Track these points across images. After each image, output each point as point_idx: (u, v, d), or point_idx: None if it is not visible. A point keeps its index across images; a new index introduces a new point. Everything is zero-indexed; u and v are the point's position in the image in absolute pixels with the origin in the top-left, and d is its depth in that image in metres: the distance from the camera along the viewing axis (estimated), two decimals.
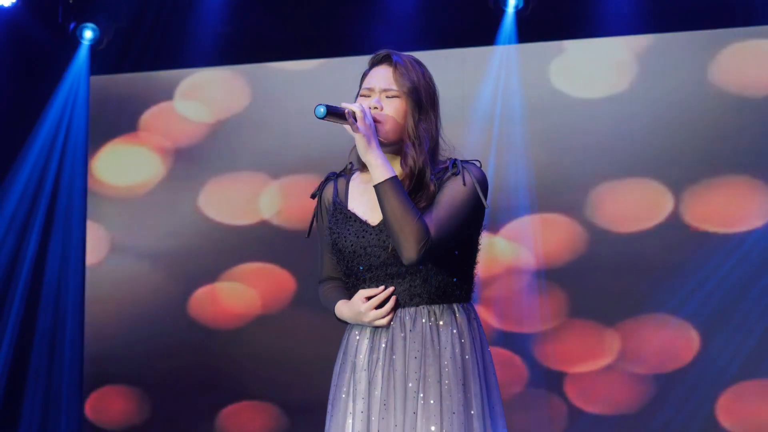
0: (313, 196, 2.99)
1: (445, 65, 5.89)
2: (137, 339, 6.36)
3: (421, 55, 6.04)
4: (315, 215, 2.99)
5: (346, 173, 2.97)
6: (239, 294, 6.29)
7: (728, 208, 5.70)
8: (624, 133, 5.82)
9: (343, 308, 2.88)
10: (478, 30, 6.03)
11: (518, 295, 5.88)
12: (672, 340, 5.70)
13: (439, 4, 6.06)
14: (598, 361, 5.79)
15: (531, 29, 5.97)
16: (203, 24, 6.34)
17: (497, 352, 5.79)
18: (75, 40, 6.39)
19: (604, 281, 5.78)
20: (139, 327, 6.36)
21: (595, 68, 5.92)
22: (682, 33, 5.82)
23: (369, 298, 2.82)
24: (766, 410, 5.61)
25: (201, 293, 6.33)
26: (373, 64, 2.90)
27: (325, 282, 3.00)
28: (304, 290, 6.15)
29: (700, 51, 5.79)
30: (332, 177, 2.98)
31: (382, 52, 2.90)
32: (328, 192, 2.95)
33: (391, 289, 2.81)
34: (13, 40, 6.42)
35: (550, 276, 5.84)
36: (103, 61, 6.52)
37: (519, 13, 5.94)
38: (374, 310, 2.81)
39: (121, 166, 6.52)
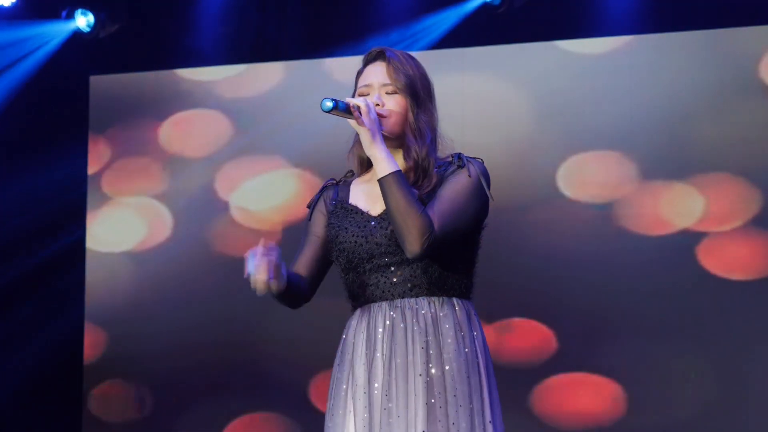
0: (309, 206, 2.99)
1: (444, 65, 5.89)
2: (140, 331, 6.38)
3: (421, 55, 6.04)
4: (312, 207, 2.98)
5: (346, 179, 2.99)
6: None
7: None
8: (626, 133, 5.82)
9: None
10: (477, 29, 6.04)
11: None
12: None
13: (440, 3, 6.07)
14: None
15: (530, 29, 5.97)
16: (203, 23, 6.35)
17: None
18: (71, 33, 6.36)
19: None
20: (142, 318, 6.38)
21: (595, 68, 5.92)
22: (688, 32, 5.82)
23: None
24: None
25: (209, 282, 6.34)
26: (367, 62, 2.92)
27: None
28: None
29: (700, 50, 5.80)
30: (331, 183, 3.00)
31: (376, 49, 2.92)
32: (328, 195, 2.96)
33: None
34: (13, 40, 6.42)
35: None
36: (101, 60, 6.53)
37: (491, 8, 5.89)
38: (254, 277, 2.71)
39: (120, 163, 6.53)
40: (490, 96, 5.97)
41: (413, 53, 2.96)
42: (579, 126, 5.87)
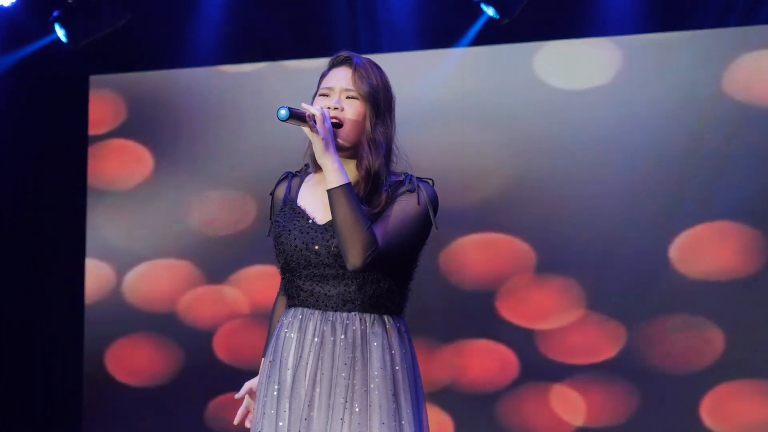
0: (271, 194, 3.02)
1: (443, 65, 5.89)
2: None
3: (420, 55, 6.01)
4: (272, 202, 3.02)
5: (301, 173, 3.00)
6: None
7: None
8: (620, 131, 5.82)
9: (262, 366, 2.95)
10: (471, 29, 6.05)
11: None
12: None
13: (438, 3, 6.07)
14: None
15: (526, 29, 5.98)
16: (203, 23, 6.35)
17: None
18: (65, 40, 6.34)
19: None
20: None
21: (588, 68, 5.92)
22: (676, 33, 5.83)
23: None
24: None
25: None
26: (332, 65, 2.94)
27: (279, 297, 3.03)
28: None
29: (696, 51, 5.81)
30: (288, 176, 3.01)
31: (343, 53, 2.94)
32: (281, 190, 2.99)
33: None
34: (12, 40, 6.43)
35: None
36: (101, 60, 6.53)
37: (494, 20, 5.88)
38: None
39: (119, 164, 6.54)
40: (489, 94, 5.98)
41: (409, 53, 2.95)
42: (574, 127, 5.88)
